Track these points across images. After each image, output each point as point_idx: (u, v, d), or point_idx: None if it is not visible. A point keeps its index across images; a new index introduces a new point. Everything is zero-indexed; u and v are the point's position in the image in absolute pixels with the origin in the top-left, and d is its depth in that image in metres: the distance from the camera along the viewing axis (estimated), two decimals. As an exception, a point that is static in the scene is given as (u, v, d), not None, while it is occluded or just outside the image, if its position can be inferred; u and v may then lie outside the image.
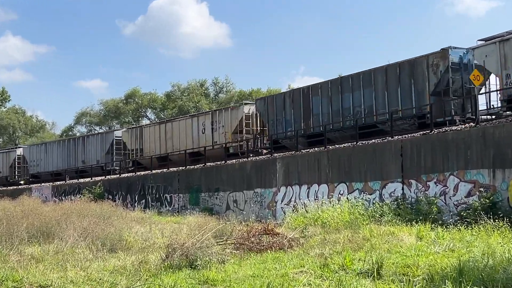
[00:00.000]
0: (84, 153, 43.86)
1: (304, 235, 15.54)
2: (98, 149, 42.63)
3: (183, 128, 35.26)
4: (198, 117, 34.50)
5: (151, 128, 38.70)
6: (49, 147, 47.91)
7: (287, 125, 28.02)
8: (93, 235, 15.56)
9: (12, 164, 51.77)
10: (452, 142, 18.23)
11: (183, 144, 34.86)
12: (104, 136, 43.11)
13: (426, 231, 14.71)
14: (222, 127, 32.44)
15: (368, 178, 20.89)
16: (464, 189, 17.70)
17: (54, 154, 46.81)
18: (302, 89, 27.70)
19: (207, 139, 33.16)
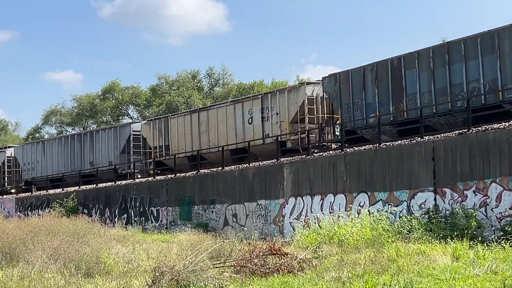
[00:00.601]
0: (93, 152, 41.20)
1: (318, 256, 15.55)
2: (110, 148, 39.90)
3: (222, 117, 32.80)
4: (243, 103, 31.78)
5: (179, 118, 35.86)
6: (48, 146, 45.28)
7: (369, 110, 25.77)
8: (65, 256, 15.58)
9: (0, 168, 49.99)
10: (494, 143, 18.22)
11: (222, 138, 32.50)
12: (118, 131, 39.92)
13: (463, 249, 14.70)
14: (276, 115, 29.93)
15: (393, 187, 20.88)
16: (508, 199, 17.68)
17: (54, 155, 44.26)
18: (390, 61, 25.12)
19: (256, 132, 30.76)
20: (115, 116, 76.98)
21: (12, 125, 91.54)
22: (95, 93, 77.57)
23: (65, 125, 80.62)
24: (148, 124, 38.13)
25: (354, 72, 26.63)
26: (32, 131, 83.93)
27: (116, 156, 39.23)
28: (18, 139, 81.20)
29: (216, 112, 33.28)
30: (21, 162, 47.52)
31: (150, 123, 37.77)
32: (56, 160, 43.99)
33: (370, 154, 21.92)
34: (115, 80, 75.45)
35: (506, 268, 12.11)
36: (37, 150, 46.28)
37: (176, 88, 70.61)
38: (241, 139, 31.17)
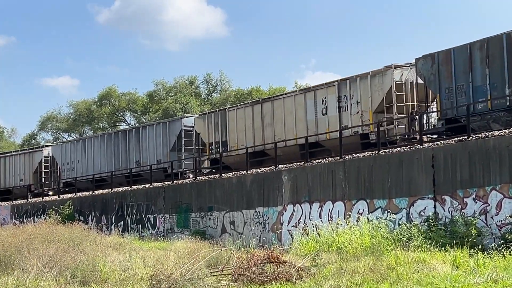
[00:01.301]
0: (140, 150, 37.82)
1: (316, 264, 15.53)
2: (159, 145, 36.60)
3: (290, 108, 29.59)
4: (315, 92, 28.45)
5: (239, 111, 32.47)
6: (89, 144, 41.82)
7: (477, 94, 22.86)
8: (61, 264, 15.55)
9: (37, 168, 46.26)
10: (494, 151, 18.22)
11: (290, 131, 29.37)
12: (168, 127, 36.51)
13: (463, 258, 14.69)
14: (356, 104, 26.71)
15: (392, 194, 20.86)
16: (508, 206, 17.66)
17: (96, 153, 41.00)
18: (506, 35, 22.03)
19: (331, 123, 27.50)
20: (111, 122, 76.98)
21: (8, 131, 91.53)
22: (91, 99, 77.66)
23: (62, 131, 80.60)
24: (202, 118, 34.75)
25: (457, 51, 23.70)
26: (28, 137, 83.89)
27: (166, 154, 36.00)
28: (14, 146, 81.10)
29: (283, 103, 29.99)
30: (60, 162, 44.11)
31: (205, 117, 34.43)
32: (98, 159, 40.72)
33: (369, 161, 21.92)
34: (111, 86, 75.55)
35: (507, 277, 12.10)
36: (77, 148, 42.84)
37: (174, 94, 70.64)
38: (314, 131, 27.98)
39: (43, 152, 45.95)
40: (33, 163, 46.22)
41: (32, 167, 46.18)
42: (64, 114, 79.89)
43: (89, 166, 41.28)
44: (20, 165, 46.75)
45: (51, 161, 45.84)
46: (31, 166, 46.13)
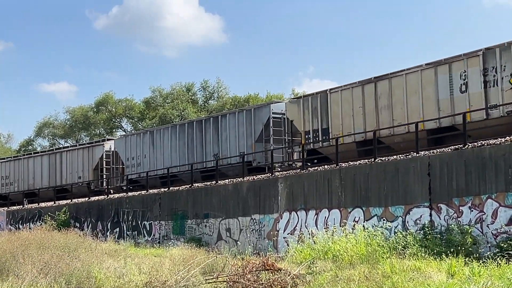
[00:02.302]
0: (219, 142, 33.15)
1: (312, 271, 15.53)
2: (243, 134, 31.92)
3: (415, 86, 24.71)
4: (450, 65, 23.54)
5: (345, 92, 27.28)
6: (158, 136, 37.02)
7: None
8: (55, 271, 15.53)
9: (97, 164, 41.98)
10: (490, 159, 18.26)
11: (415, 114, 24.45)
12: (253, 114, 31.80)
13: (459, 266, 14.70)
14: (510, 76, 21.79)
15: (388, 202, 20.88)
16: (504, 215, 17.68)
17: (166, 146, 36.06)
18: None
19: (473, 101, 22.56)
20: (108, 128, 76.94)
21: (4, 137, 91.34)
22: (88, 105, 77.60)
23: (58, 137, 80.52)
24: (296, 103, 29.50)
25: None
26: (24, 143, 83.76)
27: (250, 145, 31.32)
28: (10, 151, 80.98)
29: (405, 80, 25.06)
30: (124, 157, 39.48)
31: (299, 102, 29.22)
32: (169, 153, 35.87)
33: (365, 169, 21.94)
34: (108, 93, 75.50)
35: (502, 286, 12.11)
36: (143, 141, 37.95)
37: (170, 101, 70.67)
38: (448, 112, 23.29)
39: (105, 147, 41.47)
40: (93, 158, 41.79)
41: (92, 163, 41.81)
42: (60, 120, 79.89)
43: (158, 161, 36.41)
44: (79, 161, 42.52)
45: (114, 156, 41.56)
46: (91, 162, 41.80)
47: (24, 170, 46.63)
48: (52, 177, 44.15)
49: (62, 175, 43.60)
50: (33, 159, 46.15)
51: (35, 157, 46.27)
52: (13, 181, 47.07)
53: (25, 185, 45.84)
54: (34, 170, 45.69)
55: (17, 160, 48.03)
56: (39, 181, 45.04)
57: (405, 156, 21.28)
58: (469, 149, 19.17)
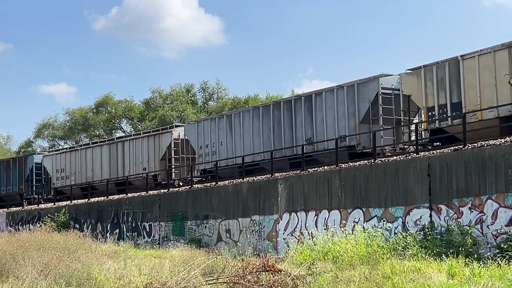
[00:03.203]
0: (312, 124, 27.99)
1: (312, 272, 15.52)
2: (342, 115, 27.14)
3: None
4: None
5: (483, 58, 22.58)
6: (237, 120, 31.86)
7: None
8: (55, 272, 15.52)
9: (164, 154, 36.77)
10: (489, 160, 18.27)
11: None
12: (356, 90, 26.74)
13: (459, 267, 14.70)
14: None
15: (388, 203, 20.88)
16: (504, 216, 17.70)
17: (247, 132, 31.23)
18: None
19: None
20: (107, 130, 76.94)
21: (4, 139, 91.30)
22: (87, 106, 77.57)
23: (58, 138, 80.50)
24: (415, 74, 24.82)
25: None
26: (24, 144, 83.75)
27: (353, 127, 26.64)
28: (9, 153, 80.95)
29: None
30: (196, 145, 34.48)
31: (419, 73, 24.52)
32: (250, 139, 30.89)
33: (365, 170, 21.94)
34: (108, 94, 75.45)
35: (502, 286, 12.11)
36: (219, 127, 32.98)
37: (170, 102, 70.69)
38: None
39: (173, 134, 36.52)
40: (160, 147, 36.77)
41: (158, 152, 36.76)
42: (60, 121, 79.87)
43: (237, 148, 31.43)
44: (143, 150, 37.56)
45: (183, 144, 36.60)
46: (157, 151, 36.79)
47: (81, 162, 41.85)
48: (113, 169, 39.39)
49: (124, 166, 38.75)
50: (91, 150, 41.51)
51: (93, 147, 41.58)
52: (70, 174, 42.49)
53: (82, 178, 41.44)
54: (93, 162, 41.03)
55: (73, 151, 43.38)
56: (99, 173, 40.44)
57: (405, 157, 21.30)
58: (469, 149, 19.18)
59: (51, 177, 44.45)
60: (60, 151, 44.65)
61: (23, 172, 45.95)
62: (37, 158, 46.43)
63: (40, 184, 45.83)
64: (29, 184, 45.53)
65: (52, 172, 44.15)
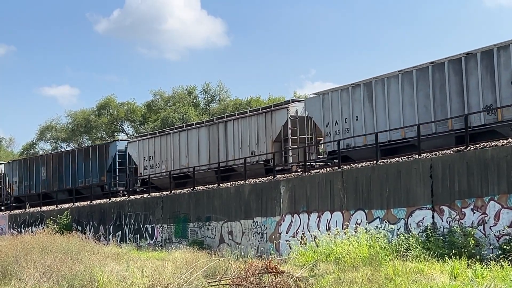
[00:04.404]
0: (495, 86, 21.72)
1: (314, 274, 15.51)
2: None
3: None
4: None
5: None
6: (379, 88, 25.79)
7: None
8: (58, 274, 15.52)
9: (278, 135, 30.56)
10: (492, 161, 18.24)
11: None
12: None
13: (461, 268, 14.68)
14: None
15: (391, 205, 20.86)
16: (507, 217, 17.66)
17: (394, 102, 25.18)
18: None
19: None
20: (110, 132, 76.99)
21: (6, 141, 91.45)
22: (90, 109, 77.67)
23: (60, 141, 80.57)
24: None
25: None
26: (26, 146, 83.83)
27: None
28: (12, 155, 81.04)
29: None
30: (321, 122, 28.06)
31: None
32: (399, 110, 24.86)
33: (368, 171, 21.92)
34: (110, 96, 75.55)
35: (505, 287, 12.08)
36: (354, 98, 26.64)
37: (172, 104, 70.71)
38: None
39: (289, 111, 30.23)
40: (274, 126, 30.57)
41: (271, 132, 30.71)
42: (62, 123, 79.97)
43: (380, 122, 25.50)
44: (252, 131, 31.62)
45: (304, 122, 30.20)
46: (269, 131, 30.78)
47: (174, 148, 35.85)
48: (213, 154, 33.42)
49: (227, 151, 32.71)
50: (186, 134, 35.36)
51: (189, 130, 35.35)
52: (160, 162, 36.55)
53: (175, 166, 35.41)
54: (188, 147, 34.86)
55: (164, 135, 36.96)
56: (195, 160, 34.22)
57: (407, 158, 21.27)
58: (471, 151, 19.15)
59: (138, 166, 38.20)
60: (148, 136, 38.37)
61: (104, 161, 40.38)
62: (120, 145, 40.72)
63: (124, 175, 39.88)
64: (111, 175, 39.92)
65: (139, 160, 37.94)
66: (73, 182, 41.85)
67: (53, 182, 43.52)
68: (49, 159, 44.81)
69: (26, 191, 45.52)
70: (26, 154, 77.50)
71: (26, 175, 45.79)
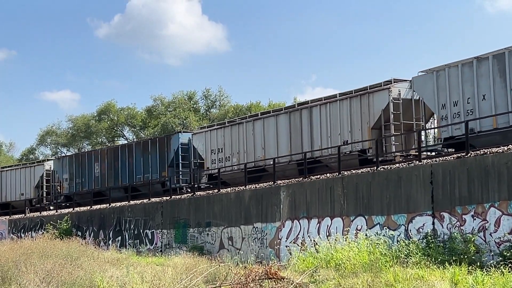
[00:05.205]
0: None
1: (314, 280, 15.50)
2: None
3: None
4: None
5: None
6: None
7: None
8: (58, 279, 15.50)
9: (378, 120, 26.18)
10: (492, 167, 18.23)
11: None
12: None
13: (462, 275, 14.66)
14: None
15: (391, 211, 20.84)
16: (507, 223, 17.64)
17: None
18: None
19: None
20: (110, 137, 76.99)
21: (6, 146, 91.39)
22: (90, 114, 77.69)
23: (61, 146, 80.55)
24: None
25: None
26: (26, 151, 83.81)
27: None
28: (12, 160, 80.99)
29: None
30: (435, 104, 24.43)
31: None
32: None
33: (368, 177, 21.91)
34: (110, 101, 75.57)
35: (506, 294, 12.07)
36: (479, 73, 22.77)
37: (173, 109, 70.74)
38: None
39: (391, 92, 25.84)
40: (371, 111, 26.35)
41: (368, 118, 26.38)
42: (63, 128, 79.99)
43: None
44: (343, 116, 27.37)
45: (409, 105, 26.43)
46: (365, 117, 26.48)
47: (247, 138, 31.90)
48: (295, 145, 29.31)
49: (312, 140, 28.56)
50: (261, 122, 31.34)
51: (265, 118, 31.40)
52: (231, 154, 32.72)
53: (249, 158, 31.36)
54: (264, 137, 30.95)
55: (235, 125, 33.06)
56: (273, 151, 30.28)
57: (408, 164, 21.27)
58: (471, 157, 19.14)
59: (204, 159, 34.35)
60: (216, 126, 34.76)
61: (165, 155, 36.72)
62: (183, 137, 36.96)
63: (188, 169, 36.28)
64: (174, 170, 36.17)
65: (205, 153, 34.11)
66: (130, 179, 38.31)
67: (107, 179, 40.09)
68: (104, 154, 41.34)
69: (77, 189, 42.04)
70: (25, 159, 77.42)
71: (78, 172, 42.37)
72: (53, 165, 45.82)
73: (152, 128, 70.43)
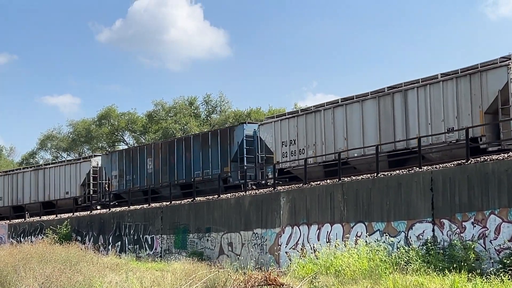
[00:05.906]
0: None
1: (314, 286, 15.46)
2: None
3: None
4: None
5: None
6: None
7: None
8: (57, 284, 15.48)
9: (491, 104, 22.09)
10: (492, 175, 18.22)
11: None
12: None
13: (462, 282, 14.63)
14: None
15: (391, 217, 20.82)
16: (507, 231, 17.61)
17: None
18: None
19: None
20: (110, 142, 77.00)
21: (7, 150, 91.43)
22: (91, 119, 77.74)
23: (61, 150, 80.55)
24: None
25: None
26: (27, 156, 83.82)
27: None
28: (12, 164, 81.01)
29: None
30: None
31: None
32: None
33: (368, 183, 21.90)
34: (111, 106, 75.66)
35: (505, 302, 12.04)
36: None
37: (173, 114, 70.78)
38: None
39: (511, 69, 21.69)
40: (483, 93, 22.41)
41: (480, 100, 22.45)
42: (63, 133, 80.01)
43: None
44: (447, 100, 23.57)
45: None
46: (476, 99, 22.58)
47: (326, 128, 28.12)
48: (385, 134, 25.84)
49: (407, 128, 24.89)
50: (343, 109, 27.46)
51: (347, 104, 27.42)
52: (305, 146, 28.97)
53: (328, 150, 27.68)
54: (347, 126, 27.23)
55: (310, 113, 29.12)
56: (357, 141, 26.71)
57: (408, 171, 21.25)
58: (472, 164, 19.12)
59: (274, 153, 30.63)
60: (287, 115, 30.80)
61: (227, 148, 33.41)
62: (248, 128, 33.41)
63: (254, 164, 32.98)
64: (237, 165, 32.92)
65: (275, 146, 30.43)
66: (187, 175, 35.10)
67: (161, 175, 36.85)
68: (157, 148, 37.85)
69: (127, 187, 38.54)
70: (26, 163, 77.40)
71: (128, 168, 39.19)
72: (101, 161, 42.90)
73: (153, 133, 70.44)
